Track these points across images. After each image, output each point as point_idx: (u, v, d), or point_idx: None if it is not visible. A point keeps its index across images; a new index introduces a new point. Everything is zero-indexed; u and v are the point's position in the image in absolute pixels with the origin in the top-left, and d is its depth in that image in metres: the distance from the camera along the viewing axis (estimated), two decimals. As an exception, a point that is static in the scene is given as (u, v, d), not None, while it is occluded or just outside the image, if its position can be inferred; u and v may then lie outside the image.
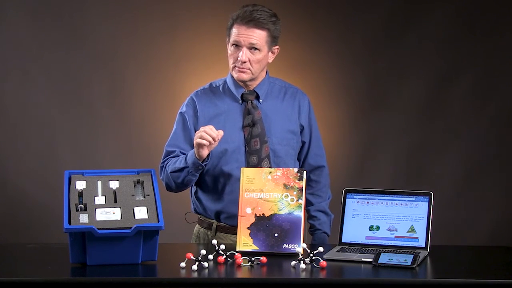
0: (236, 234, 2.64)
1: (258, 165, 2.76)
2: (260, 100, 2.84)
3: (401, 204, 2.57)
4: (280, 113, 2.85)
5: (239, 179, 2.64)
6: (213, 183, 2.81)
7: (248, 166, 2.76)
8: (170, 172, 2.75)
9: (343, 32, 4.42)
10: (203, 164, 2.68)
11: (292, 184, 2.57)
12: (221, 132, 2.62)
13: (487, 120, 4.41)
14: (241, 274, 2.28)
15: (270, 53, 2.81)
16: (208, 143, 2.60)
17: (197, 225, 2.90)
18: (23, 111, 4.32)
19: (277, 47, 2.83)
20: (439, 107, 4.42)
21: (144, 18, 4.36)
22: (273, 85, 2.89)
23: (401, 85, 4.43)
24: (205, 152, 2.64)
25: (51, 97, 4.32)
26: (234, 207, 2.64)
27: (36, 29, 4.29)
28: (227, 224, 2.79)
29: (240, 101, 2.83)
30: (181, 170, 2.72)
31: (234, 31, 2.75)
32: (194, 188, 2.89)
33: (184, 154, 2.78)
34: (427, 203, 2.55)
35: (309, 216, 2.92)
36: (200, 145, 2.61)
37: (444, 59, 4.41)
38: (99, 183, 2.47)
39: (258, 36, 2.73)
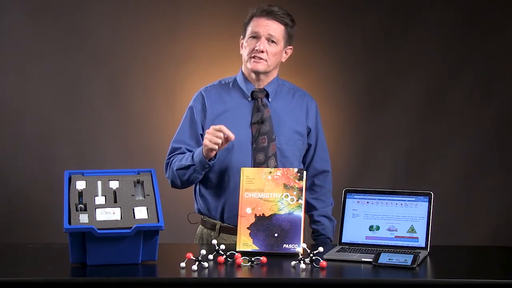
0: (239, 235, 2.67)
1: (264, 163, 2.77)
2: (270, 99, 2.85)
3: (401, 204, 2.57)
4: (289, 114, 2.86)
5: None
6: (218, 179, 2.81)
7: (254, 163, 2.77)
8: (176, 169, 2.76)
9: (343, 32, 4.42)
10: (210, 163, 2.69)
11: (292, 184, 2.57)
12: (232, 136, 2.62)
13: (487, 120, 4.41)
14: (241, 274, 2.28)
15: (284, 52, 2.84)
16: (217, 147, 2.62)
17: (200, 225, 2.90)
18: (23, 111, 4.32)
19: (290, 47, 2.87)
20: (439, 107, 4.42)
21: (144, 18, 4.36)
22: (282, 86, 2.91)
23: (401, 85, 4.43)
24: (213, 153, 2.66)
25: (51, 97, 4.32)
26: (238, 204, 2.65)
27: (35, 29, 4.29)
28: (230, 224, 2.79)
29: (250, 98, 2.84)
30: (187, 167, 2.73)
31: (253, 24, 2.80)
32: (198, 187, 2.89)
33: (190, 150, 2.79)
34: (427, 203, 2.55)
35: (312, 221, 2.92)
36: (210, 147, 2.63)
37: (444, 59, 4.41)
38: (99, 183, 2.47)
39: (277, 29, 2.79)
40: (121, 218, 2.36)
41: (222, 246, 2.41)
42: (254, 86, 2.85)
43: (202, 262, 2.31)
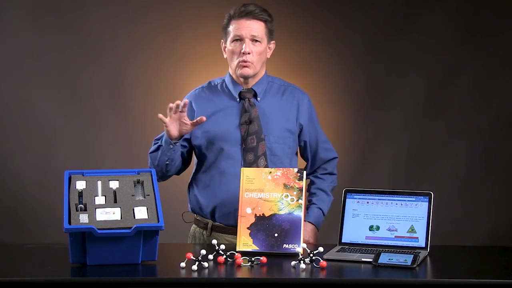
0: (231, 233, 2.68)
1: (254, 163, 2.77)
2: (258, 98, 2.85)
3: (401, 204, 2.57)
4: (278, 112, 2.86)
5: (234, 177, 2.67)
6: (208, 180, 2.83)
7: (244, 163, 2.77)
8: (149, 153, 2.84)
9: (343, 32, 4.42)
10: (173, 142, 2.73)
11: (292, 184, 2.57)
12: (178, 102, 2.67)
13: (487, 120, 4.41)
14: (241, 274, 2.28)
15: (267, 48, 2.84)
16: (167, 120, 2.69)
17: (193, 224, 2.91)
18: (23, 111, 4.32)
19: (273, 42, 2.87)
20: (439, 107, 4.42)
21: (144, 18, 4.37)
22: (272, 84, 2.90)
23: (401, 85, 4.43)
24: (172, 132, 2.71)
25: (51, 97, 4.33)
26: (229, 204, 2.65)
27: (36, 29, 4.30)
28: (222, 223, 2.80)
29: (238, 99, 2.84)
30: (156, 150, 2.80)
31: (234, 26, 2.79)
32: (190, 187, 2.90)
33: None
34: (427, 203, 2.55)
35: (309, 193, 2.91)
36: (164, 122, 2.69)
37: (444, 59, 4.41)
38: (99, 183, 2.47)
39: (258, 28, 2.79)
40: (121, 218, 2.36)
41: (222, 246, 2.41)
42: (242, 87, 2.85)
43: (202, 262, 2.31)
